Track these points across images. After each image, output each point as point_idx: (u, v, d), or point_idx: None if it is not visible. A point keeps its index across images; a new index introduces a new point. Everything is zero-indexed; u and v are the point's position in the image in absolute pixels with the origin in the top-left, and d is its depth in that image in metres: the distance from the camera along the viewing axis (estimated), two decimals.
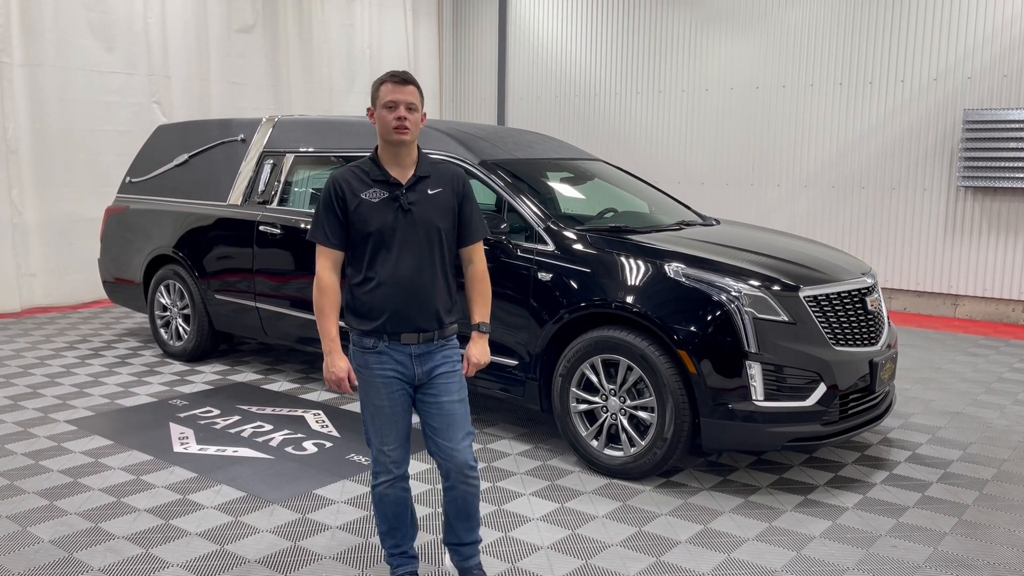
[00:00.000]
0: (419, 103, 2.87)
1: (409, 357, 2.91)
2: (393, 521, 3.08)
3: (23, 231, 8.23)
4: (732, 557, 3.51)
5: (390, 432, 2.95)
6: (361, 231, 2.86)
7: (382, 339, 2.89)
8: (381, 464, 2.98)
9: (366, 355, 2.91)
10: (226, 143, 6.41)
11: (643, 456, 4.16)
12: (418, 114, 2.87)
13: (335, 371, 2.88)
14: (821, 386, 4.02)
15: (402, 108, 2.82)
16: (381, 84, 2.87)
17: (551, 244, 4.53)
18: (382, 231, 2.85)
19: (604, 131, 10.82)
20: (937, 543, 3.66)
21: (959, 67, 8.37)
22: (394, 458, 2.98)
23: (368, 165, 2.92)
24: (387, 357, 2.90)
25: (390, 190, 2.88)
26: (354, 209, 2.85)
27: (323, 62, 10.72)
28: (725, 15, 9.75)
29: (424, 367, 2.93)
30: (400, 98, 2.82)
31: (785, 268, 4.34)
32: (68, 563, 3.38)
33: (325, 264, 2.90)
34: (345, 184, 2.88)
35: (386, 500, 3.03)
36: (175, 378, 6.06)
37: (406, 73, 2.88)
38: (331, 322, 2.89)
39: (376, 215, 2.85)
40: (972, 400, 5.78)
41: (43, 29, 8.12)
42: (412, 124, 2.84)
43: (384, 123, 2.84)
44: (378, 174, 2.89)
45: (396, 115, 2.81)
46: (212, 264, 6.17)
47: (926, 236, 8.72)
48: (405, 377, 2.92)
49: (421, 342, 2.91)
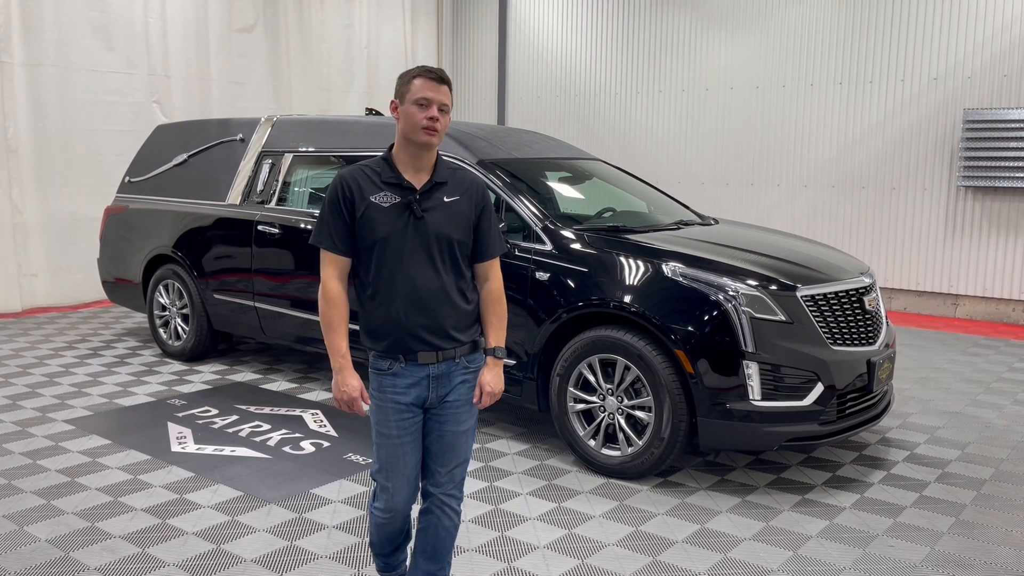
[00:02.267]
0: (450, 106, 2.65)
1: (426, 379, 2.65)
2: (388, 539, 2.90)
3: (24, 231, 8.24)
4: (729, 557, 3.51)
5: (396, 467, 2.69)
6: (368, 237, 2.61)
7: (397, 360, 2.65)
8: (383, 500, 2.75)
9: (381, 377, 2.67)
10: (225, 143, 6.42)
11: (640, 456, 4.15)
12: (448, 117, 2.65)
13: (347, 390, 2.64)
14: (818, 386, 4.01)
15: (435, 108, 2.58)
16: (414, 78, 2.61)
17: (549, 244, 4.53)
18: (391, 238, 2.60)
19: (604, 131, 10.82)
20: (934, 543, 3.65)
21: (959, 67, 8.36)
22: (397, 499, 2.72)
23: (380, 165, 2.67)
24: (402, 380, 2.65)
25: (403, 194, 2.62)
26: (363, 213, 2.60)
27: (322, 62, 10.73)
28: (725, 15, 9.75)
29: (440, 391, 2.68)
30: (435, 97, 2.58)
31: (783, 268, 4.33)
32: (65, 562, 3.38)
33: (331, 273, 2.65)
34: (354, 184, 2.62)
35: (384, 529, 2.84)
36: (174, 378, 6.06)
37: (442, 71, 2.65)
38: (340, 336, 2.64)
39: (385, 220, 2.60)
40: (971, 400, 5.77)
41: (43, 29, 8.13)
42: (442, 127, 2.61)
43: (412, 121, 2.58)
44: (391, 176, 2.64)
45: (428, 114, 2.57)
46: (211, 264, 6.17)
47: (926, 236, 8.71)
48: (419, 401, 2.67)
49: (440, 360, 2.66)
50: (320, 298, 2.66)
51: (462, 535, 3.66)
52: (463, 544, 3.57)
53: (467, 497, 4.04)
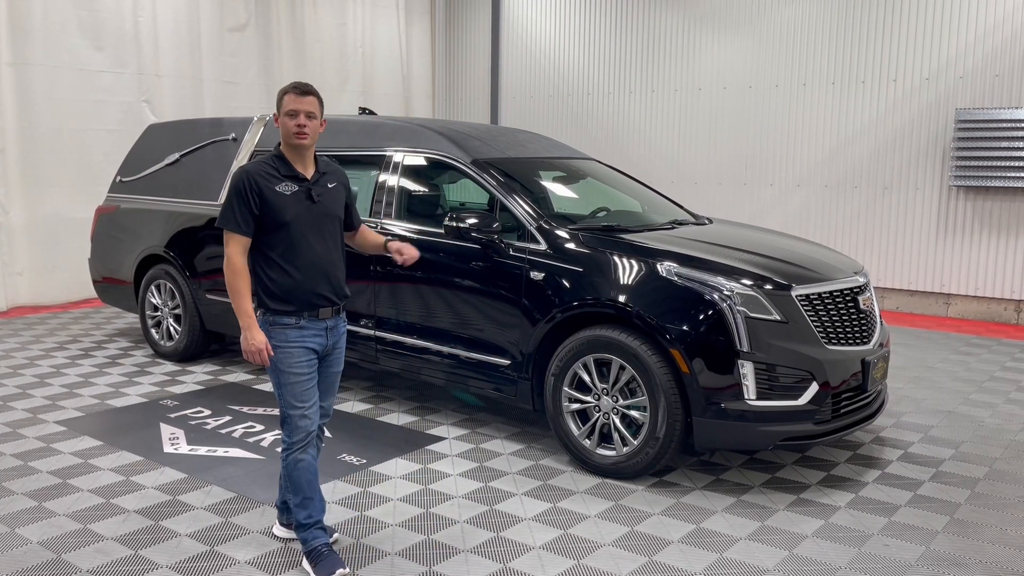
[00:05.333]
0: (318, 112, 3.22)
1: (324, 331, 3.29)
2: (307, 490, 3.29)
3: (9, 231, 8.20)
4: (724, 556, 3.50)
5: (310, 397, 3.27)
6: (276, 220, 3.17)
7: (302, 316, 3.23)
8: (301, 428, 3.26)
9: (287, 330, 3.23)
10: (217, 142, 6.38)
11: (635, 455, 4.15)
12: (316, 121, 3.21)
13: (255, 343, 3.16)
14: (813, 385, 4.02)
15: (302, 116, 3.16)
16: (285, 94, 3.20)
17: (543, 243, 4.52)
18: (297, 219, 3.20)
19: (597, 130, 10.82)
20: (929, 542, 3.66)
21: (951, 67, 8.39)
22: (311, 419, 3.28)
23: (276, 162, 3.24)
24: (308, 331, 3.25)
25: (300, 184, 3.23)
26: (268, 201, 3.16)
27: (316, 61, 10.70)
28: (718, 15, 9.76)
29: (332, 339, 3.34)
30: (300, 107, 3.16)
31: (777, 267, 4.33)
32: (57, 564, 3.35)
33: (237, 249, 3.19)
34: (260, 177, 3.18)
35: (300, 467, 3.27)
36: (166, 378, 6.03)
37: (307, 85, 3.23)
38: (246, 300, 3.18)
39: (290, 206, 3.19)
40: (964, 399, 5.78)
41: (32, 28, 8.07)
42: (311, 130, 3.19)
43: (286, 129, 3.18)
44: (288, 170, 3.23)
45: (296, 123, 3.16)
46: (203, 264, 6.14)
47: (918, 235, 8.74)
48: (320, 347, 3.30)
49: (333, 315, 3.32)
50: (227, 270, 3.20)
51: (457, 535, 3.65)
52: (458, 544, 3.56)
53: (461, 497, 4.05)
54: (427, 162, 5.26)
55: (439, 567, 3.38)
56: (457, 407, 5.44)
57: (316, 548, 3.29)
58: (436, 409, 5.39)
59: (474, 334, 4.73)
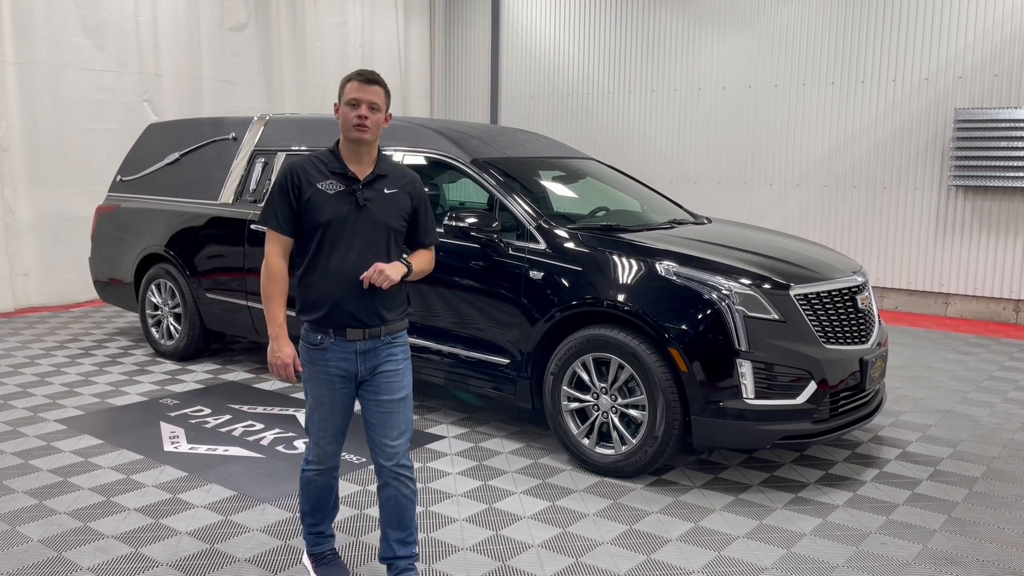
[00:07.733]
0: (383, 104, 2.89)
1: (354, 354, 2.92)
2: (316, 503, 3.16)
3: (16, 230, 8.20)
4: (723, 555, 3.52)
5: (327, 427, 3.00)
6: (313, 220, 2.87)
7: (328, 335, 2.91)
8: (315, 453, 3.05)
9: (311, 352, 2.94)
10: (217, 142, 6.40)
11: (634, 454, 4.16)
12: (381, 114, 2.90)
13: (281, 356, 2.91)
14: (811, 384, 4.03)
15: (364, 107, 2.85)
16: (348, 82, 2.90)
17: (543, 242, 4.53)
18: (333, 222, 2.86)
19: (597, 130, 10.83)
20: (927, 540, 3.67)
21: (950, 66, 8.40)
22: (328, 452, 3.05)
23: (327, 157, 2.94)
24: (332, 355, 2.92)
25: (347, 184, 2.90)
26: (308, 198, 2.86)
27: (316, 61, 10.70)
28: (717, 14, 9.76)
29: (368, 364, 2.95)
30: (363, 97, 2.86)
31: (776, 266, 4.34)
32: (57, 562, 3.36)
33: (275, 250, 2.94)
34: (302, 172, 2.89)
35: (313, 485, 3.12)
36: (166, 377, 6.04)
37: (373, 73, 2.91)
38: (278, 308, 2.93)
39: (330, 206, 2.87)
40: (962, 398, 5.80)
41: (35, 27, 8.08)
42: (373, 124, 2.86)
43: (346, 119, 2.87)
44: (336, 166, 2.91)
45: (357, 113, 2.85)
46: (203, 263, 6.15)
47: (917, 235, 8.75)
48: (348, 374, 2.94)
49: (367, 338, 2.92)
50: (263, 273, 2.96)
51: (456, 534, 3.66)
52: (457, 543, 3.58)
53: (461, 496, 4.05)
54: (427, 161, 5.27)
55: (438, 565, 3.39)
56: (456, 406, 5.45)
57: (321, 552, 3.24)
58: (435, 408, 5.40)
59: (473, 333, 4.75)
